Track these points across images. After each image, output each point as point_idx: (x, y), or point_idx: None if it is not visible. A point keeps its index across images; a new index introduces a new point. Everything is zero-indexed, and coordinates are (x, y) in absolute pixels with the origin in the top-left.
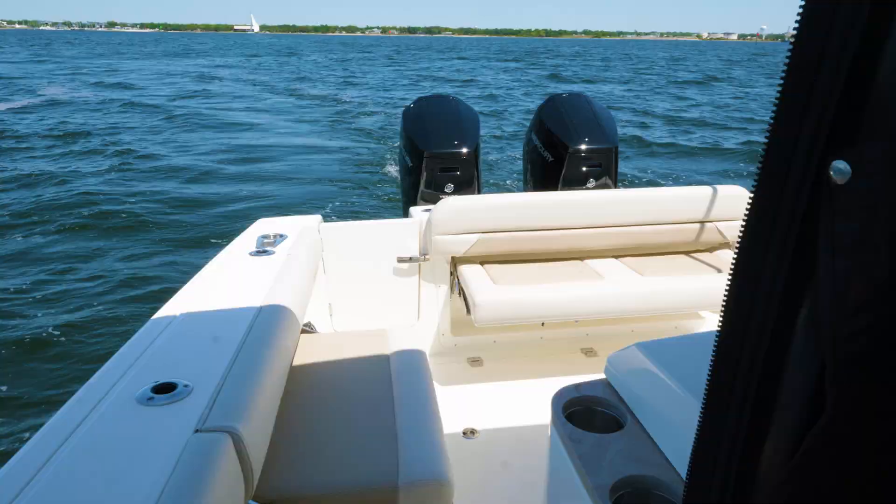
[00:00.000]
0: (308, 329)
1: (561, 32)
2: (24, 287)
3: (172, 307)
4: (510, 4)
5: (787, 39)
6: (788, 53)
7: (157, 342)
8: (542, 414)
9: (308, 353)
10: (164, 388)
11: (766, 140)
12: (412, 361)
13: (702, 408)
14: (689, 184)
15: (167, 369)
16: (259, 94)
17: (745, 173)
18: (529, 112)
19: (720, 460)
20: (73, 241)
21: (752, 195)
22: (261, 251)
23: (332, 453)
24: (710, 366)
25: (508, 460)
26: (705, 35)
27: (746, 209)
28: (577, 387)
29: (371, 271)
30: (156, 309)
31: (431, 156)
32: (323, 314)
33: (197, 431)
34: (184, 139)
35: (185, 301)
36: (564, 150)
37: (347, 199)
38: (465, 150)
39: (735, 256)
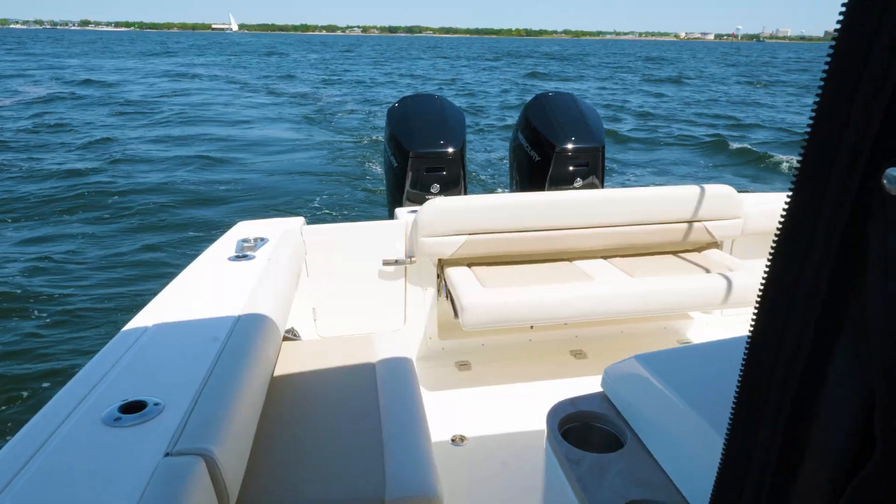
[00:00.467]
0: (291, 336)
1: (541, 32)
2: None
3: (144, 318)
4: (491, 4)
5: (761, 39)
6: (834, 38)
7: (126, 357)
8: (531, 419)
9: (290, 361)
10: (133, 407)
11: (805, 140)
12: (399, 369)
13: (730, 418)
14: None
15: (136, 386)
16: (239, 92)
17: (711, 165)
18: (506, 107)
19: (752, 471)
20: (39, 244)
21: (788, 198)
22: (240, 256)
23: (315, 468)
24: (741, 374)
25: (499, 468)
26: (683, 35)
27: (782, 214)
28: (572, 402)
29: (356, 274)
30: (126, 320)
31: (417, 156)
32: (306, 319)
33: (167, 455)
34: (160, 139)
35: (158, 311)
36: (551, 149)
37: (331, 201)
38: (450, 150)
39: (769, 262)
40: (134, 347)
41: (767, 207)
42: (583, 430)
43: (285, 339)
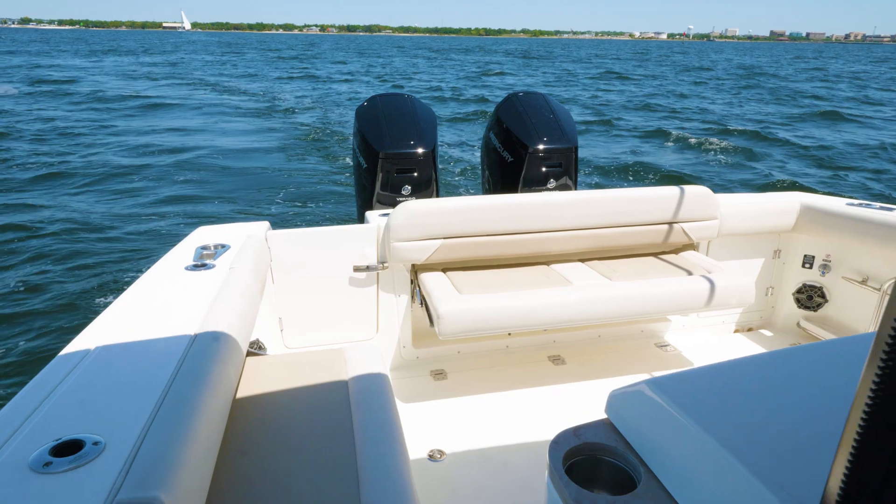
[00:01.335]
0: (255, 350)
1: (500, 31)
2: None
3: (85, 340)
4: (450, 4)
5: (711, 38)
6: None
7: (61, 387)
8: (510, 431)
9: (255, 380)
10: (68, 448)
11: None
12: (372, 385)
13: (859, 429)
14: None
15: (72, 422)
16: (194, 92)
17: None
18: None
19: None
20: None
21: None
22: (199, 265)
23: (284, 496)
24: (878, 376)
25: (479, 485)
26: (637, 34)
27: None
28: (576, 433)
29: (325, 282)
30: (65, 343)
31: (387, 156)
32: (272, 330)
33: None
34: (111, 141)
35: (102, 331)
36: (524, 149)
37: (298, 204)
38: (421, 151)
39: None
40: (71, 376)
41: (742, 209)
42: (589, 464)
43: (249, 354)
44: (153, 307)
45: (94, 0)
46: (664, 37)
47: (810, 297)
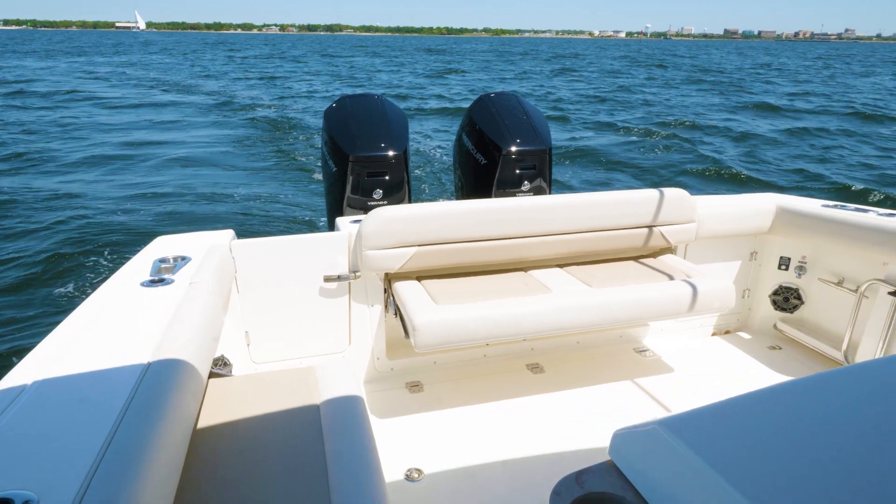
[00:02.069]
0: (219, 369)
1: (462, 30)
2: None
3: (20, 375)
4: (412, 3)
5: (668, 37)
6: None
7: None
8: (490, 447)
9: (218, 405)
10: None
11: None
12: (345, 406)
13: None
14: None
15: (0, 474)
16: (148, 94)
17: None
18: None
19: None
20: None
21: None
22: (156, 280)
23: None
24: None
25: None
26: (597, 33)
27: None
28: (578, 480)
29: (294, 293)
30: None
31: (357, 159)
32: (238, 345)
33: None
34: (61, 146)
35: (41, 363)
36: (497, 151)
37: (265, 210)
38: (392, 153)
39: None
40: (1, 419)
41: (718, 211)
42: None
43: (212, 375)
44: (102, 331)
45: None
46: (623, 35)
47: (786, 299)
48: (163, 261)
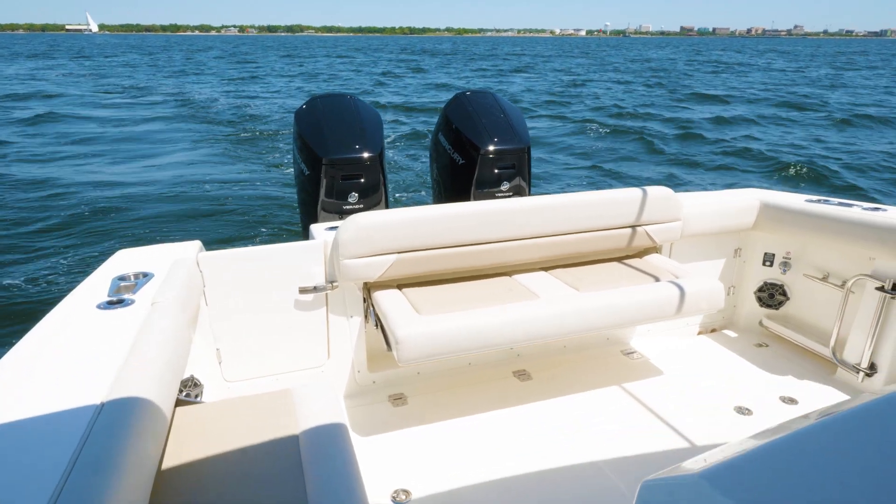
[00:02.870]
0: (187, 395)
1: (425, 30)
2: None
3: None
4: (373, 2)
5: (627, 35)
6: None
7: None
8: (480, 463)
9: (187, 437)
10: None
11: None
12: (326, 433)
13: None
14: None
15: None
16: (102, 98)
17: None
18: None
19: None
20: None
21: None
22: (114, 301)
23: None
24: None
25: None
26: (558, 31)
27: None
28: None
29: (268, 306)
30: None
31: (331, 162)
32: (209, 363)
33: None
34: (10, 153)
35: None
36: (475, 151)
37: (234, 219)
38: (367, 155)
39: None
40: None
41: (702, 209)
42: None
43: (180, 402)
44: (50, 365)
45: None
46: (583, 33)
47: (772, 296)
48: (122, 278)
